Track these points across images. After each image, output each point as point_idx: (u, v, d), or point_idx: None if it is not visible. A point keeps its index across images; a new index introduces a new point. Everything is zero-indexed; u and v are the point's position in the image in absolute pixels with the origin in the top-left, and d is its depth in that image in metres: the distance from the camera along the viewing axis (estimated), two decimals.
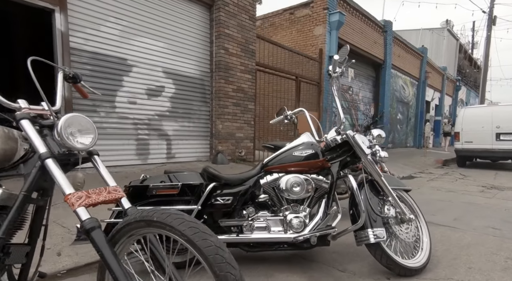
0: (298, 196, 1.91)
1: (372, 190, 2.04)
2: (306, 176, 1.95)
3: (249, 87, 5.90)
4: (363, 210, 1.83)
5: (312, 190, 1.95)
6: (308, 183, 1.92)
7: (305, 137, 2.14)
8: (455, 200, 4.25)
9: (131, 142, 4.40)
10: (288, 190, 1.90)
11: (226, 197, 1.90)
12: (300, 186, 1.90)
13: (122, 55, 4.31)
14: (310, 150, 1.98)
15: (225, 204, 1.88)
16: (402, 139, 13.38)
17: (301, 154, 1.97)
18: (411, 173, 7.12)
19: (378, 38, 10.61)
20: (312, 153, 1.97)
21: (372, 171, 1.97)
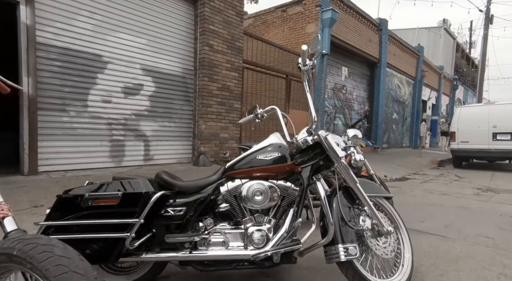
0: (261, 206, 1.67)
1: (346, 198, 1.80)
2: (271, 182, 1.71)
3: (235, 85, 5.66)
4: (331, 222, 1.60)
5: (278, 198, 1.71)
6: (273, 190, 1.68)
7: (274, 138, 1.90)
8: (447, 204, 4.03)
9: (105, 143, 4.15)
10: (249, 199, 1.66)
11: (178, 207, 1.66)
12: (263, 195, 1.66)
13: (96, 51, 4.06)
14: (276, 153, 1.74)
15: (177, 216, 1.65)
16: (398, 139, 13.17)
17: (265, 158, 1.73)
18: (405, 175, 6.90)
19: (373, 36, 10.39)
20: (278, 156, 1.73)
21: (346, 177, 1.74)
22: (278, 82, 7.03)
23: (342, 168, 1.73)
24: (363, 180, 1.92)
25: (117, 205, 1.54)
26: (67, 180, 3.28)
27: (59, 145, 3.71)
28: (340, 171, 1.74)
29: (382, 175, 6.32)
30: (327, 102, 8.77)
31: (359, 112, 10.47)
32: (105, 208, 1.54)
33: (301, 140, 1.84)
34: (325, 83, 8.08)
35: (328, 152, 1.74)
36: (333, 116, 9.09)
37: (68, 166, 3.76)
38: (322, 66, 7.91)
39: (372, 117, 10.86)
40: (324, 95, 8.02)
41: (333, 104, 9.10)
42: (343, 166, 1.73)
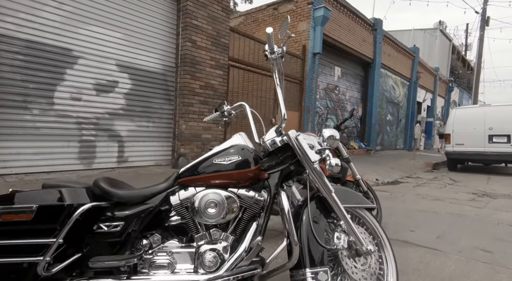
0: (216, 220, 1.39)
1: (320, 210, 1.52)
2: (230, 191, 1.43)
3: (220, 84, 5.38)
4: (295, 241, 1.32)
5: (239, 210, 1.43)
6: (231, 201, 1.40)
7: (237, 138, 1.62)
8: (441, 210, 3.77)
9: (73, 144, 3.85)
10: (201, 212, 1.37)
11: (114, 222, 1.37)
12: (217, 207, 1.38)
13: (66, 45, 3.77)
14: (236, 156, 1.45)
15: (112, 233, 1.36)
16: (392, 141, 12.96)
17: (223, 162, 1.45)
18: (398, 178, 6.66)
19: (367, 36, 10.18)
20: (240, 160, 1.45)
21: (319, 185, 1.46)
22: (267, 81, 6.76)
23: (314, 174, 1.45)
24: (341, 189, 1.65)
25: (31, 221, 1.25)
26: (24, 184, 2.98)
27: (19, 146, 3.40)
28: (313, 178, 1.47)
29: (373, 178, 6.07)
30: (318, 103, 8.52)
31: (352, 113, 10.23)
32: (17, 225, 1.25)
33: (269, 142, 1.57)
34: (316, 83, 7.83)
35: (298, 155, 1.47)
36: (325, 117, 8.84)
37: (29, 169, 3.45)
38: (314, 66, 7.66)
39: (365, 118, 10.63)
40: (315, 95, 7.77)
41: (325, 105, 8.85)
42: (316, 172, 1.45)
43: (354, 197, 1.65)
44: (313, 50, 7.56)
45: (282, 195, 1.39)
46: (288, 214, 1.36)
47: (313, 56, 7.61)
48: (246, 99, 6.46)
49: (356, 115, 9.64)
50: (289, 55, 7.29)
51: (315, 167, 1.45)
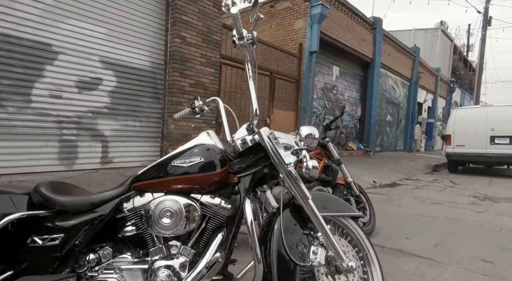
0: (173, 232, 1.20)
1: (295, 220, 1.33)
2: (192, 198, 1.24)
3: (211, 82, 5.20)
4: (259, 258, 1.13)
5: (201, 220, 1.24)
6: (191, 210, 1.20)
7: (203, 137, 1.44)
8: (440, 215, 3.56)
9: (52, 143, 3.67)
10: (154, 222, 1.18)
11: (52, 235, 1.18)
12: (174, 216, 1.18)
13: (45, 39, 3.59)
14: (198, 158, 1.26)
15: (48, 247, 1.17)
16: (392, 142, 12.74)
17: (182, 164, 1.25)
18: (396, 180, 6.45)
19: (367, 35, 9.98)
20: (203, 162, 1.25)
21: (294, 190, 1.27)
22: (261, 80, 6.58)
23: (289, 178, 1.26)
24: (321, 195, 1.46)
25: None
26: None
27: None
28: (287, 182, 1.27)
29: (370, 180, 5.86)
30: (316, 103, 8.32)
31: (351, 114, 10.04)
32: None
33: (239, 141, 1.38)
34: (313, 82, 7.64)
35: (271, 156, 1.27)
36: (322, 117, 8.64)
37: (3, 170, 3.27)
38: (310, 65, 7.47)
39: (364, 119, 10.43)
40: (312, 95, 7.58)
41: (323, 105, 8.66)
42: (291, 176, 1.26)
43: (336, 204, 1.45)
44: (310, 49, 7.37)
45: (245, 204, 1.20)
46: (251, 225, 1.16)
47: (310, 54, 7.42)
48: (239, 98, 6.28)
49: (346, 113, 9.37)
50: (285, 53, 7.11)
51: (290, 170, 1.26)
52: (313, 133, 1.35)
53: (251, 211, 1.17)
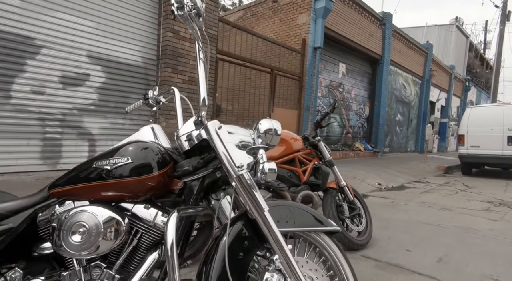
0: (81, 253, 0.95)
1: (248, 238, 1.06)
2: (118, 210, 1.00)
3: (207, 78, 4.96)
4: None
5: (128, 237, 1.00)
6: (113, 224, 0.96)
7: (143, 132, 1.21)
8: (448, 223, 3.23)
9: (34, 142, 3.51)
10: (61, 240, 0.95)
11: None
12: (87, 233, 0.94)
13: (26, 32, 3.44)
14: (125, 159, 1.01)
15: None
16: (402, 142, 12.25)
17: (105, 166, 1.01)
18: (404, 182, 6.08)
19: (375, 31, 9.58)
20: (133, 164, 1.00)
21: (247, 200, 1.01)
22: (261, 76, 6.32)
23: (240, 185, 1.01)
24: (286, 205, 1.19)
25: None
26: None
27: None
28: (238, 190, 1.02)
29: (375, 183, 5.52)
30: (320, 101, 8.00)
31: (358, 113, 9.65)
32: None
33: (184, 138, 1.14)
34: (317, 80, 7.32)
35: (218, 157, 1.03)
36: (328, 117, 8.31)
37: None
38: (314, 61, 7.16)
39: (373, 118, 10.02)
40: (316, 93, 7.27)
41: (328, 103, 8.32)
42: (242, 181, 1.01)
43: (306, 216, 1.18)
44: (314, 44, 7.07)
45: (169, 219, 0.94)
46: (172, 248, 0.90)
47: (314, 50, 7.12)
48: (238, 96, 6.04)
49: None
50: (287, 49, 6.82)
51: (241, 174, 1.00)
52: (274, 128, 1.09)
53: (174, 231, 0.91)
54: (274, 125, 1.09)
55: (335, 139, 8.80)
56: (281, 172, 2.26)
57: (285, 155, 2.30)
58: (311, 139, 2.46)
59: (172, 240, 0.88)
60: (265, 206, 1.01)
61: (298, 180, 2.30)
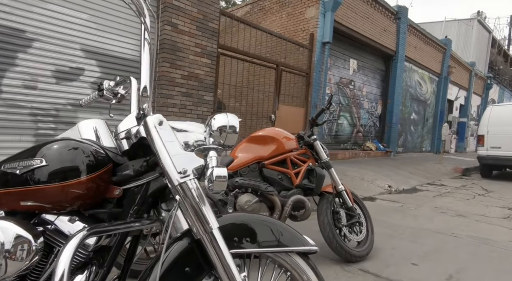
0: None
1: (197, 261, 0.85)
2: (33, 224, 0.82)
3: (207, 74, 4.79)
4: None
5: (38, 256, 0.81)
6: (19, 243, 0.76)
7: (78, 129, 1.03)
8: (462, 232, 2.92)
9: (26, 138, 3.42)
10: None
11: None
12: None
13: (17, 25, 3.34)
14: (37, 161, 0.81)
15: None
16: (416, 142, 11.74)
17: (13, 170, 0.82)
18: (416, 185, 5.73)
19: (389, 25, 9.15)
20: (49, 168, 0.80)
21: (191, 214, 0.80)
22: (266, 72, 6.09)
23: (183, 194, 0.80)
24: (244, 218, 0.96)
25: None
26: None
27: None
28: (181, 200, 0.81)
29: (385, 185, 5.21)
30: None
31: (369, 111, 9.26)
32: None
33: (123, 135, 0.95)
34: (326, 76, 7.02)
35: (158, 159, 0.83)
36: (336, 114, 7.99)
37: None
38: (323, 57, 6.87)
39: (385, 116, 9.60)
40: (324, 89, 6.97)
41: (338, 101, 8.00)
42: (185, 190, 0.80)
43: (275, 233, 0.96)
44: (322, 39, 6.76)
45: (66, 245, 0.72)
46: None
47: (322, 45, 6.82)
48: (241, 93, 5.84)
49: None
50: (294, 44, 6.55)
51: (184, 182, 0.80)
52: (230, 124, 0.87)
53: (68, 260, 0.70)
54: (230, 121, 0.88)
55: (345, 138, 8.47)
56: (271, 174, 2.05)
57: (275, 156, 2.08)
58: (306, 138, 2.23)
59: (62, 269, 0.67)
60: (213, 223, 0.80)
61: (290, 183, 2.08)
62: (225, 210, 1.88)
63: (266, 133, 2.12)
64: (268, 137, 2.10)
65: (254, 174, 2.05)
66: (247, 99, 6.07)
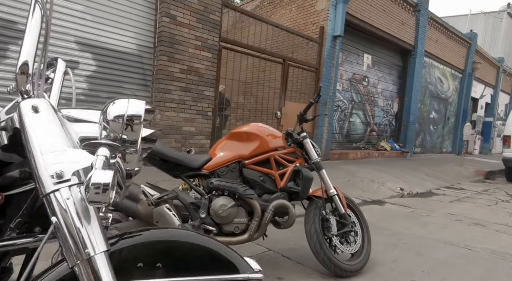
0: None
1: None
2: None
3: (208, 68, 4.61)
4: None
5: None
6: None
7: None
8: (478, 244, 2.58)
9: None
10: None
11: None
12: None
13: (8, 16, 3.28)
14: None
15: None
16: (436, 142, 11.11)
17: None
18: (432, 188, 5.32)
19: (408, 18, 8.64)
20: None
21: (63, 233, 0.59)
22: (273, 67, 5.85)
23: (54, 206, 0.59)
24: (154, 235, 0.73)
25: None
26: None
27: None
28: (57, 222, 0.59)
29: (397, 187, 4.85)
30: (341, 95, 7.34)
31: (384, 109, 8.81)
32: None
33: (2, 125, 0.76)
34: (337, 72, 6.68)
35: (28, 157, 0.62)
36: (348, 112, 7.63)
37: None
38: (333, 51, 6.53)
39: (402, 115, 9.11)
40: (335, 86, 6.63)
41: (350, 98, 7.63)
42: (53, 202, 0.58)
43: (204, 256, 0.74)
44: (333, 33, 6.42)
45: None
46: None
47: (333, 39, 6.48)
48: (245, 88, 5.62)
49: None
50: (303, 38, 6.26)
51: (57, 190, 0.59)
52: (131, 113, 0.64)
53: None
54: (131, 109, 0.65)
55: (357, 137, 8.09)
56: (252, 175, 1.82)
57: (257, 154, 1.85)
58: (296, 135, 1.98)
59: None
60: (96, 245, 0.58)
61: (273, 185, 1.85)
62: (197, 215, 1.68)
63: (248, 129, 1.89)
64: (251, 133, 1.87)
65: (233, 175, 1.83)
66: (253, 94, 5.86)
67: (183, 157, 1.78)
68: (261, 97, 5.93)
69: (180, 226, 1.61)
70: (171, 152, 1.75)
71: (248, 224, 1.74)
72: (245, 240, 1.71)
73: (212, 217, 1.69)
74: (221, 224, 1.70)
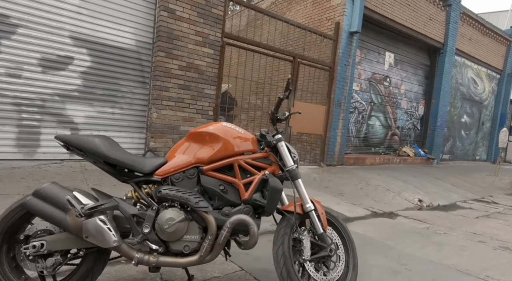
0: None
1: None
2: None
3: (209, 65, 4.38)
4: None
5: None
6: None
7: None
8: (502, 276, 2.12)
9: (8, 128, 3.32)
10: None
11: None
12: None
13: (1, 10, 3.24)
14: None
15: None
16: (468, 149, 10.16)
17: None
18: (458, 200, 4.74)
19: (437, 13, 7.95)
20: None
21: None
22: (282, 65, 5.52)
23: None
24: None
25: None
26: None
27: None
28: None
29: (414, 198, 4.36)
30: (359, 96, 6.85)
31: (408, 112, 8.15)
32: None
33: None
34: (353, 71, 6.21)
35: None
36: (366, 114, 7.10)
37: None
38: (350, 49, 6.08)
39: (428, 118, 8.39)
40: (351, 86, 6.17)
41: (369, 99, 7.11)
42: None
43: None
44: (350, 29, 5.97)
45: None
46: None
47: (349, 36, 6.03)
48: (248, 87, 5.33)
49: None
50: (315, 34, 5.87)
51: None
52: None
53: None
54: None
55: (377, 141, 7.53)
56: (210, 183, 1.54)
57: (219, 159, 1.57)
58: (269, 138, 1.68)
59: None
60: None
61: (236, 197, 1.55)
62: (140, 229, 1.42)
63: (209, 129, 1.61)
64: (212, 134, 1.59)
65: (190, 183, 1.55)
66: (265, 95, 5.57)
67: (131, 160, 1.52)
68: (274, 98, 5.62)
69: (115, 242, 1.36)
70: (117, 154, 1.50)
71: (201, 242, 1.46)
72: (195, 262, 1.43)
73: (158, 233, 1.43)
74: (168, 242, 1.44)
